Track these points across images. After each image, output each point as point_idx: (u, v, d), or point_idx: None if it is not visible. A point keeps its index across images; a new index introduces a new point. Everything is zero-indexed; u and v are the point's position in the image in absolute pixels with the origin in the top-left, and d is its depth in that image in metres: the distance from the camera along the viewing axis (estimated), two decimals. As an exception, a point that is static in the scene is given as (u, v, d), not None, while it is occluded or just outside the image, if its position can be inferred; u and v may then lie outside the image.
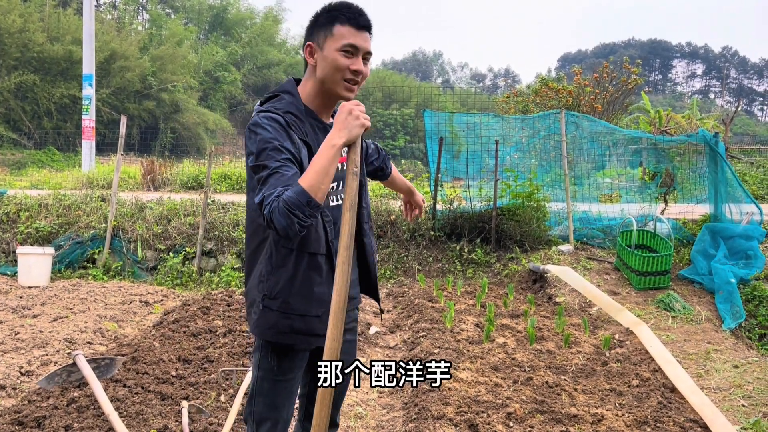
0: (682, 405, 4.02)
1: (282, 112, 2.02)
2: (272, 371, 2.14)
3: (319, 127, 2.14)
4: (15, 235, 8.56)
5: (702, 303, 6.33)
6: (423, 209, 2.76)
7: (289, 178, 1.87)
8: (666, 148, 8.90)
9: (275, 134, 1.95)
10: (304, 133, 2.05)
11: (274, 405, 2.17)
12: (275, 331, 2.10)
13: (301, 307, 2.08)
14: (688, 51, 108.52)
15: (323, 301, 2.07)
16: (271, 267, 2.07)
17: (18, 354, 4.82)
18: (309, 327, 2.11)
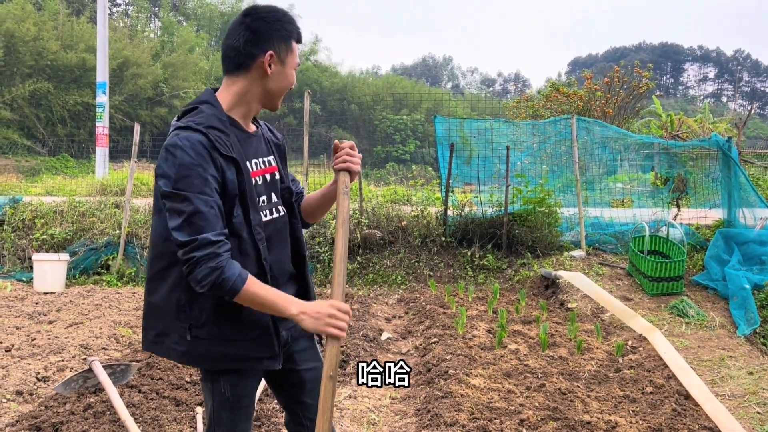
0: (696, 412, 4.00)
1: (204, 128, 1.86)
2: (227, 400, 2.01)
3: (242, 137, 2.00)
4: (30, 241, 8.65)
5: (716, 309, 6.29)
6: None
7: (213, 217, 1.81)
8: (678, 153, 8.88)
9: (197, 159, 1.81)
10: (229, 147, 1.90)
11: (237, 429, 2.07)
12: (212, 360, 1.97)
13: (234, 333, 1.94)
14: (700, 54, 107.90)
15: (256, 323, 1.96)
16: (192, 295, 1.90)
17: (35, 360, 4.87)
18: (245, 352, 1.97)
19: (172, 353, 2.00)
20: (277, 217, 2.10)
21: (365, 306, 6.89)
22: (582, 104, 16.53)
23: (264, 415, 3.88)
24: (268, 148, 2.14)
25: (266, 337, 1.99)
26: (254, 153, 2.05)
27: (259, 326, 1.97)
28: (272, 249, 2.05)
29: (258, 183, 2.03)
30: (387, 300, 7.51)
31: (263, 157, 2.09)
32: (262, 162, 2.07)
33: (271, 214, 2.08)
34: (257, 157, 2.05)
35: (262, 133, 2.14)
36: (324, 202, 2.26)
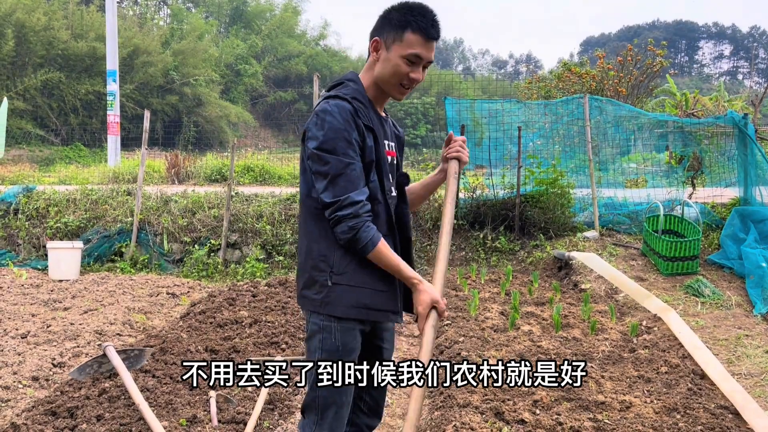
0: (712, 391, 3.96)
1: (350, 98, 2.08)
2: (337, 352, 2.10)
3: (377, 117, 2.21)
4: (45, 230, 8.73)
5: (732, 288, 6.22)
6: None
7: (356, 178, 2.02)
8: (693, 131, 8.74)
9: (344, 124, 2.02)
10: (369, 119, 2.12)
11: (338, 389, 2.10)
12: (346, 306, 2.09)
13: (369, 281, 2.11)
14: (715, 31, 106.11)
15: (387, 278, 2.13)
16: (333, 246, 2.09)
17: (50, 346, 4.92)
18: (376, 301, 2.13)
19: (313, 302, 2.13)
20: (392, 196, 2.26)
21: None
22: (594, 84, 16.30)
23: (277, 398, 3.89)
24: (391, 136, 2.33)
25: (394, 293, 2.17)
26: (385, 134, 2.25)
27: (391, 283, 2.15)
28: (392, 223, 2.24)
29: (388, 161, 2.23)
30: (399, 283, 7.50)
31: (389, 141, 2.28)
32: (389, 145, 2.27)
33: (392, 192, 2.26)
34: (387, 140, 2.26)
35: (389, 121, 2.34)
36: (425, 192, 2.50)
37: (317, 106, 2.10)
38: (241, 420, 3.56)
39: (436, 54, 2.20)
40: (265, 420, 3.59)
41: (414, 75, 2.11)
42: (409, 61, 2.09)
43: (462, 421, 3.44)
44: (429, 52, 2.12)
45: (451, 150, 2.37)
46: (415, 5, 2.12)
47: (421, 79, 2.15)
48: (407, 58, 2.09)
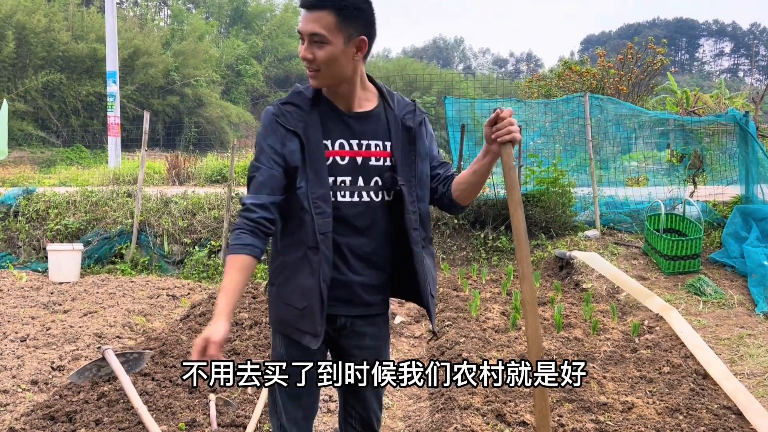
0: (715, 391, 3.94)
1: (280, 103, 2.03)
2: (281, 358, 2.10)
3: (333, 115, 2.03)
4: (45, 232, 8.71)
5: (734, 287, 6.19)
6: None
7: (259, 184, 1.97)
8: (694, 129, 8.71)
9: (264, 131, 2.01)
10: (296, 121, 1.98)
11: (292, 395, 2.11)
12: (273, 320, 2.13)
13: (287, 298, 2.05)
14: (716, 29, 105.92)
15: (305, 296, 1.99)
16: (275, 253, 2.12)
17: (49, 349, 4.90)
18: (291, 320, 2.04)
19: None
20: (363, 202, 2.04)
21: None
22: (595, 82, 16.28)
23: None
24: (383, 132, 2.07)
25: (311, 313, 2.00)
26: (346, 133, 2.03)
27: (308, 300, 1.99)
28: (352, 234, 2.04)
29: (339, 163, 2.01)
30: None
31: (364, 140, 2.04)
32: (357, 144, 2.03)
33: (354, 197, 2.03)
34: (351, 138, 2.03)
35: (384, 115, 2.08)
36: (476, 178, 2.10)
37: None
38: (241, 423, 3.54)
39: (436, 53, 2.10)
40: (265, 423, 3.57)
41: (300, 53, 1.94)
42: (301, 41, 1.96)
43: (463, 423, 3.42)
44: (305, 25, 1.90)
45: (500, 132, 1.94)
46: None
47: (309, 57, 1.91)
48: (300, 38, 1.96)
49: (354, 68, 1.98)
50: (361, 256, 2.07)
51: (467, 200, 2.17)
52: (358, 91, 2.04)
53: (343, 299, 2.08)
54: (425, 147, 2.15)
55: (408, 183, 2.07)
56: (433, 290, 2.19)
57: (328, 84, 1.99)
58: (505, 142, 1.94)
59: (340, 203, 2.02)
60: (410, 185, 2.08)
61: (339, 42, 1.90)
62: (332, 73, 1.95)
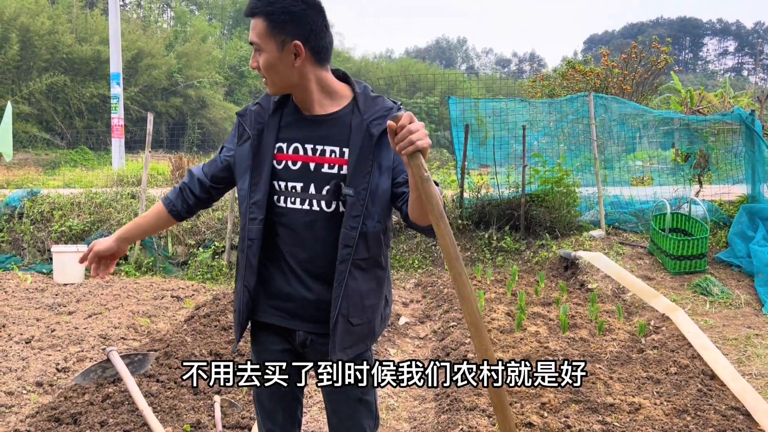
0: (722, 392, 3.91)
1: (252, 105, 2.08)
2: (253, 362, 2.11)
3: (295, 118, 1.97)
4: (49, 233, 8.72)
5: (741, 286, 6.16)
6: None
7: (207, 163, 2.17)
8: (699, 128, 8.67)
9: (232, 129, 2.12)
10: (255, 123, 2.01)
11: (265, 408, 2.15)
12: None
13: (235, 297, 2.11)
14: (719, 28, 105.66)
15: (238, 296, 2.06)
16: None
17: (54, 351, 4.90)
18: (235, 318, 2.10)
19: None
20: (312, 210, 1.91)
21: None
22: (599, 82, 16.23)
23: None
24: (342, 137, 1.91)
25: (237, 313, 2.07)
26: (303, 137, 1.93)
27: (237, 302, 2.07)
28: (299, 244, 1.94)
29: (290, 167, 1.92)
30: (404, 284, 7.46)
31: (320, 145, 1.92)
32: (312, 149, 1.92)
33: (304, 204, 1.92)
34: (307, 143, 1.92)
35: (349, 119, 1.92)
36: (415, 195, 1.76)
37: None
38: (246, 425, 3.53)
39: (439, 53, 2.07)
40: (270, 424, 3.55)
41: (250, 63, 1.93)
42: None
43: (469, 424, 3.40)
44: (250, 33, 1.87)
45: (401, 143, 1.62)
46: None
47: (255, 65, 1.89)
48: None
49: (301, 74, 1.87)
50: (310, 270, 1.95)
51: (420, 219, 1.83)
52: (315, 95, 1.92)
53: (294, 313, 1.99)
54: (389, 160, 1.90)
55: (356, 195, 1.87)
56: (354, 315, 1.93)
57: (280, 91, 1.95)
58: (409, 153, 1.61)
59: (289, 209, 1.93)
60: (358, 197, 1.87)
61: (272, 48, 1.83)
62: (276, 80, 1.89)
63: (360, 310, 1.95)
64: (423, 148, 1.62)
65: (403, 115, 1.63)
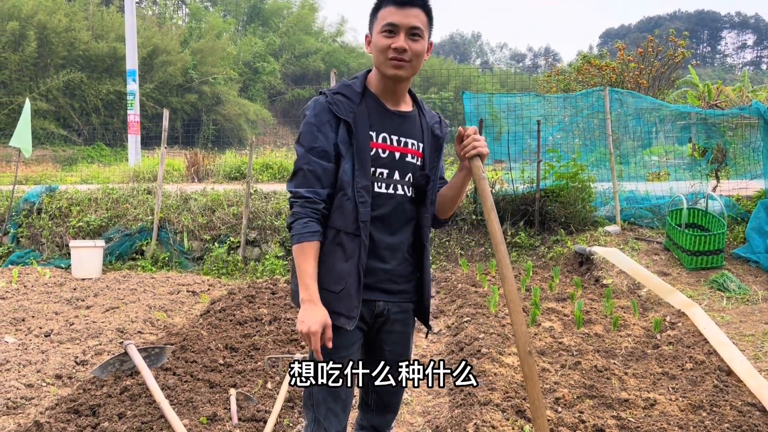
0: (738, 388, 3.88)
1: (330, 93, 2.10)
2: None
3: (379, 110, 2.13)
4: (67, 229, 8.83)
5: (758, 282, 6.10)
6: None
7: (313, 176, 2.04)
8: (717, 123, 8.58)
9: (314, 119, 2.06)
10: (347, 111, 2.06)
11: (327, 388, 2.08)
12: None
13: (322, 281, 2.05)
14: (738, 21, 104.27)
15: (341, 279, 2.05)
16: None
17: (73, 344, 4.97)
18: (326, 302, 2.03)
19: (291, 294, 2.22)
20: (397, 195, 2.14)
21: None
22: (615, 76, 16.11)
23: (297, 396, 3.89)
24: (418, 133, 2.20)
25: (347, 296, 2.05)
26: (389, 128, 2.14)
27: (345, 283, 2.05)
28: (383, 224, 2.12)
29: (380, 155, 2.11)
30: (418, 280, 7.47)
31: (404, 137, 2.16)
32: (397, 140, 2.14)
33: (390, 189, 2.13)
34: (393, 134, 2.14)
35: (419, 119, 2.22)
36: (453, 192, 2.29)
37: None
38: (261, 418, 3.56)
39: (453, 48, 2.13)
40: (285, 418, 3.58)
41: (396, 44, 2.02)
42: (387, 33, 2.03)
43: (483, 419, 3.40)
44: (406, 18, 2.02)
45: (466, 148, 2.13)
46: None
47: (407, 47, 2.02)
48: (384, 31, 2.04)
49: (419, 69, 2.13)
50: (390, 246, 2.15)
51: (445, 214, 2.34)
52: (406, 92, 2.19)
53: (379, 287, 2.15)
54: (442, 159, 2.34)
55: (431, 184, 2.21)
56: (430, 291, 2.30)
57: (409, 75, 2.10)
58: (472, 156, 2.11)
59: (376, 193, 2.10)
60: (431, 186, 2.21)
61: (426, 39, 2.09)
62: (416, 66, 2.09)
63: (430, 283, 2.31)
64: (483, 154, 2.12)
65: (470, 128, 2.15)
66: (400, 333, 2.26)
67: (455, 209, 2.37)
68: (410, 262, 2.22)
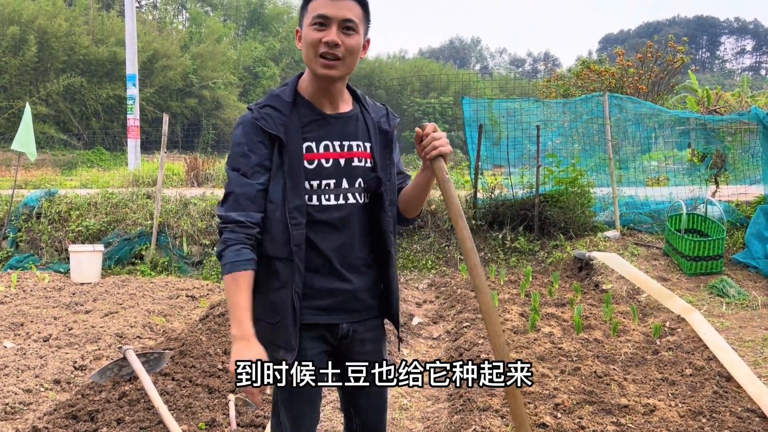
0: (738, 394, 3.87)
1: (258, 107, 1.94)
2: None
3: (315, 117, 1.97)
4: (66, 233, 8.83)
5: (758, 288, 6.10)
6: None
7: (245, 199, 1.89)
8: (716, 128, 8.59)
9: (243, 138, 1.92)
10: (276, 125, 1.90)
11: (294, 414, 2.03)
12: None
13: (260, 314, 1.93)
14: (737, 27, 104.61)
15: (277, 309, 1.92)
16: None
17: (72, 349, 4.96)
18: (266, 335, 1.90)
19: None
20: (348, 204, 1.98)
21: (396, 291, 6.86)
22: (614, 81, 16.14)
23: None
24: (363, 133, 2.04)
25: (284, 327, 1.92)
26: (329, 134, 1.97)
27: (281, 312, 1.92)
28: (338, 238, 1.97)
29: (324, 165, 1.95)
30: (418, 285, 7.47)
31: (347, 141, 1.99)
32: (340, 145, 1.98)
33: (340, 200, 1.97)
34: (335, 140, 1.98)
35: (361, 116, 2.05)
36: (417, 192, 2.11)
37: None
38: (260, 423, 3.56)
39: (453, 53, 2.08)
40: (284, 423, 3.58)
41: (327, 38, 1.84)
42: (317, 26, 1.86)
43: (482, 425, 3.40)
44: (339, 10, 1.85)
45: (426, 148, 1.94)
46: None
47: (339, 41, 1.85)
48: (314, 24, 1.86)
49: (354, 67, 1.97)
50: (347, 261, 2.00)
51: (411, 213, 2.17)
52: (342, 92, 2.02)
53: (338, 308, 2.01)
54: (396, 154, 2.16)
55: (387, 184, 2.06)
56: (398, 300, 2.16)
57: (342, 74, 1.93)
58: (433, 157, 1.93)
59: (324, 206, 1.96)
60: (386, 188, 2.05)
61: (361, 34, 1.93)
62: (350, 64, 1.92)
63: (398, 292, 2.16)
64: (445, 153, 1.93)
65: (428, 125, 1.95)
66: (373, 352, 2.12)
67: (422, 207, 2.21)
68: (374, 274, 2.08)
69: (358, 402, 2.15)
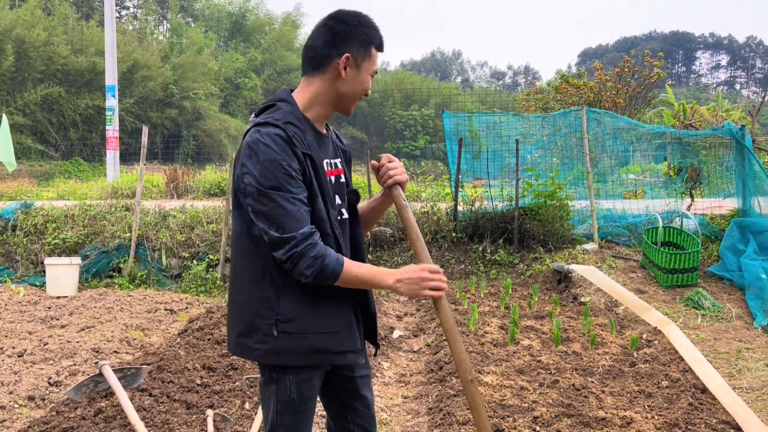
0: (713, 406, 3.93)
1: (282, 123, 1.89)
2: (293, 402, 1.99)
3: (316, 136, 2.02)
4: (43, 246, 8.71)
5: (732, 300, 6.20)
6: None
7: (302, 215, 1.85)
8: (691, 142, 8.75)
9: (280, 153, 1.84)
10: (306, 145, 1.92)
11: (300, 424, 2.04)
12: (298, 354, 1.94)
13: (321, 326, 1.96)
14: (712, 42, 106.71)
15: (342, 316, 2.01)
16: (277, 289, 1.93)
17: (47, 364, 4.89)
18: (330, 344, 1.97)
19: (255, 352, 1.96)
20: (344, 219, 2.11)
21: (376, 304, 6.86)
22: (592, 95, 16.37)
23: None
24: (335, 152, 2.15)
25: (351, 331, 2.03)
26: (326, 153, 2.07)
27: (345, 319, 2.02)
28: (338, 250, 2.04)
29: (332, 182, 2.06)
30: (399, 297, 7.47)
31: (333, 159, 2.11)
32: (332, 164, 2.09)
33: (343, 214, 2.10)
34: (329, 158, 2.09)
35: (330, 137, 2.15)
36: (373, 215, 2.30)
37: (247, 135, 1.91)
38: (239, 439, 3.53)
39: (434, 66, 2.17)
40: (263, 439, 3.55)
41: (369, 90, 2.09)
42: (371, 77, 2.06)
43: (461, 439, 3.41)
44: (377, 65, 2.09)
45: (383, 178, 2.09)
46: (366, 18, 2.02)
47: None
48: (372, 75, 2.05)
49: None
50: None
51: (366, 229, 2.33)
52: None
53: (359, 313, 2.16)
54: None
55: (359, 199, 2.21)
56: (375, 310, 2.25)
57: None
58: (390, 185, 2.08)
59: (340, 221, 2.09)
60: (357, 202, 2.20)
61: None
62: None
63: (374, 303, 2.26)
64: (401, 182, 2.08)
65: (383, 157, 2.12)
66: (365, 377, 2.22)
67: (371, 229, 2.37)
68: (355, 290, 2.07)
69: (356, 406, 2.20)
